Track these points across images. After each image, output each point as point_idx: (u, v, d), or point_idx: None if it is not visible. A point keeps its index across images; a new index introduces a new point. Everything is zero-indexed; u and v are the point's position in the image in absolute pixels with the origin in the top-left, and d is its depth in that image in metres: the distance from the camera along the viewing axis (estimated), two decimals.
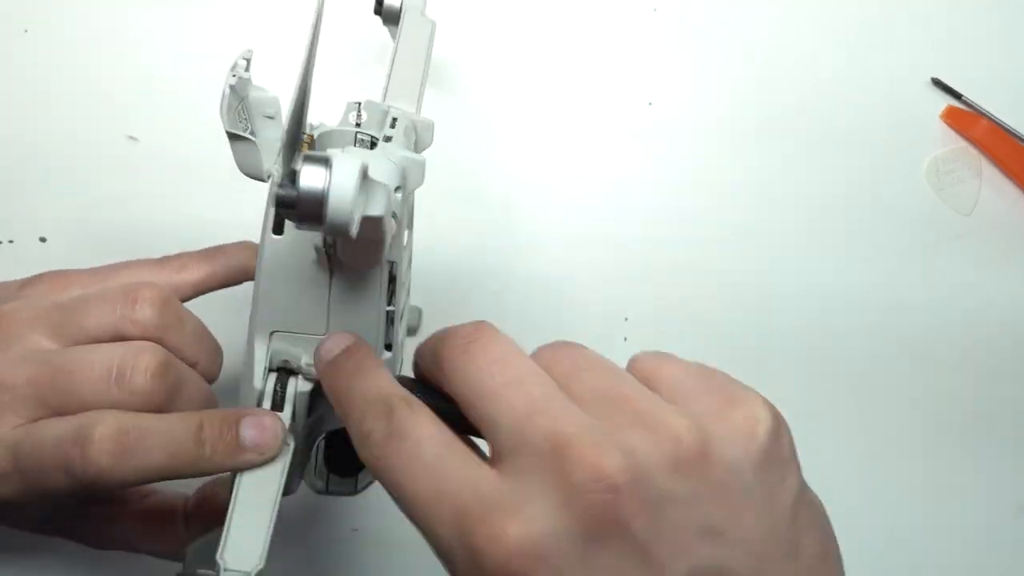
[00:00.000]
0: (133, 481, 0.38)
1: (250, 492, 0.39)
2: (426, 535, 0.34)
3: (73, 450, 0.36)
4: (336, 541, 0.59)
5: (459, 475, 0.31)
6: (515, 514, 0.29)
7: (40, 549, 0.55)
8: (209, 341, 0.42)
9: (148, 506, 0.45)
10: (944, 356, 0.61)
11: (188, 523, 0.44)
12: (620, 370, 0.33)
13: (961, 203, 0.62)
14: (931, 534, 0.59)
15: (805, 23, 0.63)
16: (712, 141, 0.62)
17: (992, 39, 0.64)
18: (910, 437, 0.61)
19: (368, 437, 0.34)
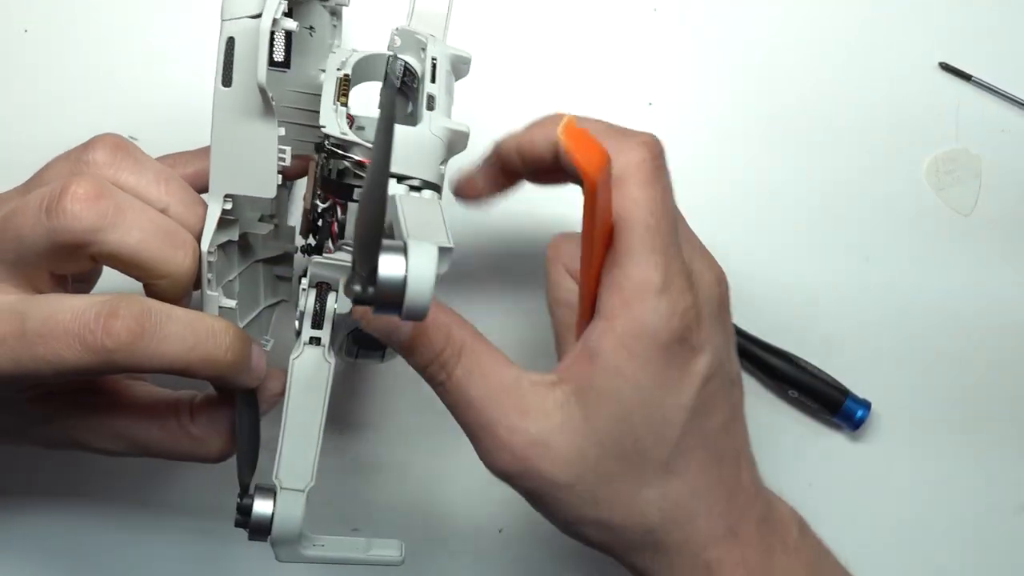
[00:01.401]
0: (147, 366, 0.38)
1: (298, 415, 0.40)
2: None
3: (96, 323, 0.36)
4: None
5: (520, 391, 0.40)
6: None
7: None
8: (180, 188, 0.41)
9: (153, 398, 0.45)
10: (944, 356, 0.61)
11: (194, 417, 0.44)
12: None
13: (961, 203, 0.62)
14: (931, 534, 0.59)
15: (805, 22, 0.63)
16: (712, 141, 0.62)
17: (997, 17, 0.63)
18: (909, 436, 0.61)
19: (432, 380, 0.40)
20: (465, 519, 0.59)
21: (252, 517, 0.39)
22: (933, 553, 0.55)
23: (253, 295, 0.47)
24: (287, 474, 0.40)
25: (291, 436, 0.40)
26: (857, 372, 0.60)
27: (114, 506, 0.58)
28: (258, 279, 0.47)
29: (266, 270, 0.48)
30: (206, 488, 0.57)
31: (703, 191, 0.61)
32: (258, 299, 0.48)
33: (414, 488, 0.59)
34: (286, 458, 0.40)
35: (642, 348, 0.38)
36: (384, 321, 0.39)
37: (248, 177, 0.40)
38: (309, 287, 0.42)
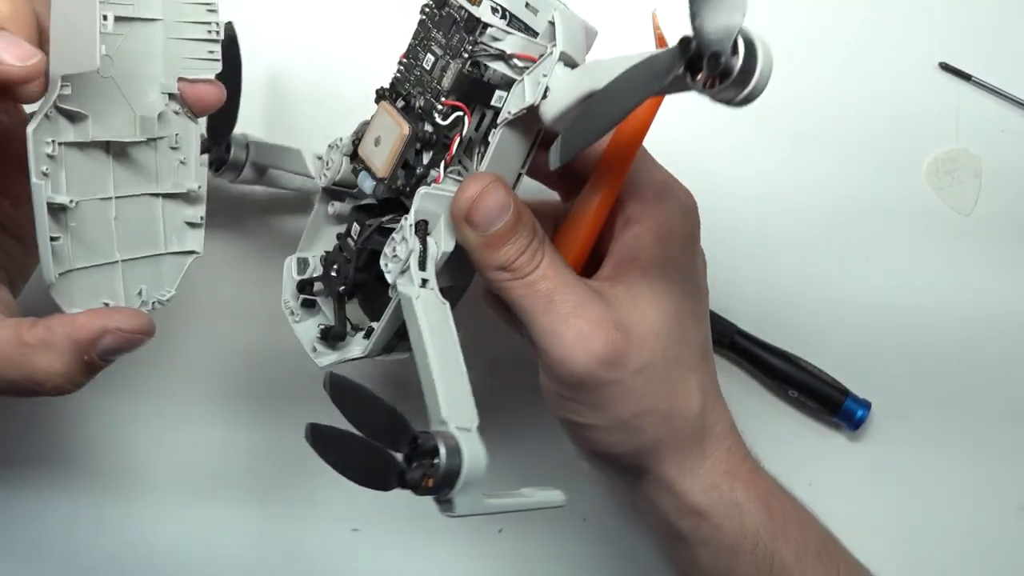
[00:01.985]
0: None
1: (441, 355, 0.38)
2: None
3: None
4: (336, 541, 0.59)
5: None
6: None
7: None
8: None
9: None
10: (943, 356, 0.61)
11: (32, 326, 0.40)
12: None
13: (961, 203, 0.62)
14: (931, 534, 0.59)
15: (806, 22, 0.63)
16: (712, 141, 0.62)
17: (997, 17, 0.63)
18: (909, 436, 0.61)
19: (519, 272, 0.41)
20: (464, 519, 0.59)
21: (442, 464, 0.35)
22: (933, 553, 0.55)
23: (147, 233, 0.44)
24: (454, 414, 0.37)
25: (443, 377, 0.38)
26: (857, 372, 0.60)
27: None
28: (155, 215, 0.44)
29: (170, 209, 0.45)
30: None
31: (703, 191, 0.61)
32: (156, 240, 0.44)
33: None
34: (448, 399, 0.37)
35: (674, 242, 0.45)
36: (487, 209, 0.40)
37: (73, 52, 0.38)
38: (410, 224, 0.40)
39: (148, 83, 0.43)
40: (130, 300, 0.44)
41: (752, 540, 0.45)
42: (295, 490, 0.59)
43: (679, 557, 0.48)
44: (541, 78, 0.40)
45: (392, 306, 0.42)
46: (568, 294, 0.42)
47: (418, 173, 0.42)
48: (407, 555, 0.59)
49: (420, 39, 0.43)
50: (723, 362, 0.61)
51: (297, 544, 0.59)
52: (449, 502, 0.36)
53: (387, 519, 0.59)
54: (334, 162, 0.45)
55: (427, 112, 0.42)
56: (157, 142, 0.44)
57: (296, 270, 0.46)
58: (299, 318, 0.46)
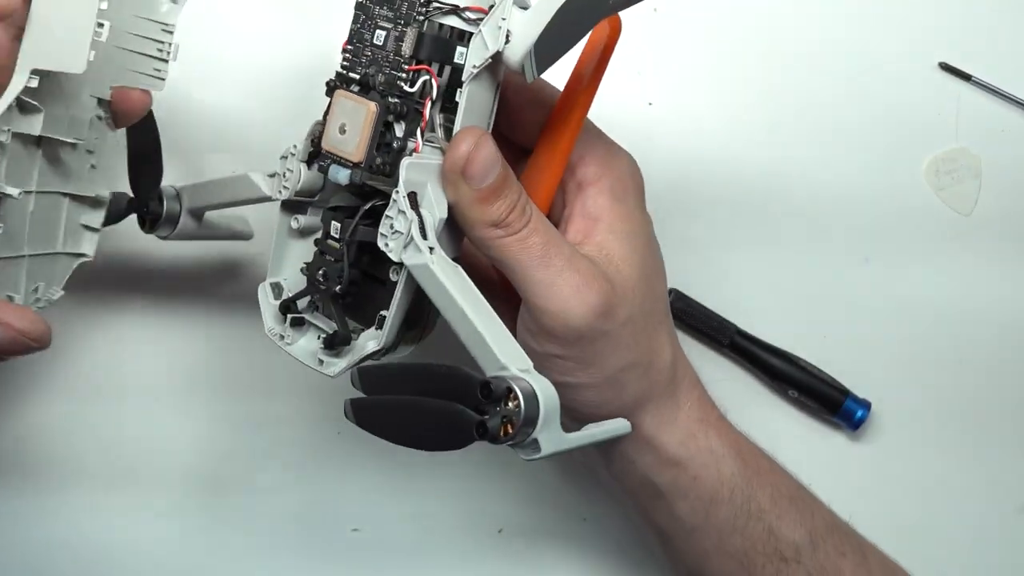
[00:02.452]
0: None
1: (475, 310, 0.39)
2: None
3: None
4: (336, 541, 0.59)
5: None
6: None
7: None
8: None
9: None
10: (943, 356, 0.61)
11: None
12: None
13: (961, 203, 0.62)
14: (931, 534, 0.59)
15: (805, 22, 0.63)
16: (712, 141, 0.62)
17: (997, 17, 0.63)
18: (909, 436, 0.61)
19: (511, 228, 0.41)
20: (465, 519, 0.59)
21: (523, 403, 0.35)
22: (933, 553, 0.55)
23: (49, 231, 0.43)
24: (511, 359, 0.37)
25: (487, 327, 0.38)
26: (857, 372, 0.60)
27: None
28: (60, 215, 0.44)
29: (73, 210, 0.44)
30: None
31: (702, 191, 0.61)
32: (55, 239, 0.44)
33: (414, 488, 0.59)
34: (498, 346, 0.37)
35: (629, 200, 0.46)
36: (483, 159, 0.40)
37: (59, 50, 0.37)
38: (404, 196, 0.40)
39: (83, 84, 0.42)
40: (27, 296, 0.43)
41: (729, 487, 0.46)
42: (295, 490, 0.59)
43: (658, 516, 0.48)
44: (500, 22, 0.40)
45: (401, 285, 0.41)
46: (560, 248, 0.42)
47: (395, 147, 0.41)
48: (407, 555, 0.59)
49: (362, 22, 0.42)
50: (723, 362, 0.61)
51: (297, 544, 0.59)
52: (534, 443, 0.36)
53: (387, 519, 0.59)
54: (292, 171, 0.43)
55: (390, 85, 0.41)
56: (77, 144, 0.43)
57: (272, 295, 0.45)
58: (290, 340, 0.45)
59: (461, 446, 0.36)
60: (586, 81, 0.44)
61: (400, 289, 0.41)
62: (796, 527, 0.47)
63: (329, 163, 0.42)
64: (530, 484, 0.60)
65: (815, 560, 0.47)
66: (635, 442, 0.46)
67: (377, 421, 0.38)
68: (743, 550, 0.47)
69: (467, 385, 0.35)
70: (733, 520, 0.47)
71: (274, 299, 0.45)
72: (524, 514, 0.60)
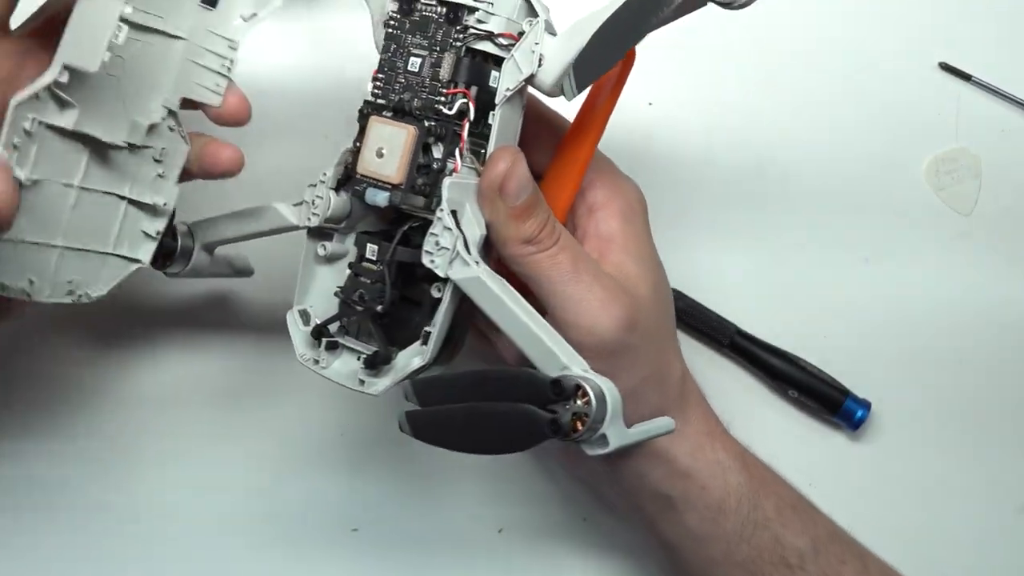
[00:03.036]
0: None
1: (528, 314, 0.40)
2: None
3: None
4: (336, 541, 0.59)
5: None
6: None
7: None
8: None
9: None
10: (944, 356, 0.61)
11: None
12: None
13: (961, 203, 0.62)
14: (931, 534, 0.59)
15: (806, 22, 0.63)
16: (712, 141, 0.62)
17: (997, 17, 0.63)
18: (909, 436, 0.61)
19: (542, 245, 0.43)
20: (465, 519, 0.59)
21: (594, 399, 0.36)
22: (933, 553, 0.55)
23: (99, 229, 0.44)
24: (571, 360, 0.39)
25: (543, 331, 0.40)
26: (857, 372, 0.60)
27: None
28: (114, 216, 0.45)
29: (132, 215, 0.45)
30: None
31: (702, 190, 0.61)
32: (105, 238, 0.45)
33: (414, 488, 0.59)
34: (559, 349, 0.39)
35: (638, 222, 0.48)
36: (519, 178, 0.42)
37: (82, 49, 0.39)
38: (448, 213, 0.42)
39: (154, 92, 0.44)
40: (57, 285, 0.43)
41: (736, 496, 0.48)
42: (295, 490, 0.59)
43: (667, 527, 0.49)
44: (534, 47, 0.41)
45: (447, 300, 0.42)
46: (587, 265, 0.44)
47: (435, 168, 0.43)
48: (407, 555, 0.59)
49: (393, 51, 0.44)
50: (723, 362, 0.61)
51: (297, 544, 0.59)
52: (602, 438, 0.37)
53: (387, 519, 0.59)
54: (322, 198, 0.44)
55: (427, 109, 0.43)
56: (142, 150, 0.44)
57: (301, 322, 0.46)
58: (325, 363, 0.45)
59: (531, 445, 0.37)
60: (600, 107, 0.46)
61: (446, 304, 0.42)
62: (800, 535, 0.48)
63: (365, 187, 0.43)
64: (530, 484, 0.60)
65: (818, 567, 0.48)
66: (648, 456, 0.47)
67: (437, 431, 0.39)
68: (750, 558, 0.48)
69: (535, 385, 0.37)
70: (740, 529, 0.48)
71: (303, 325, 0.46)
72: (524, 514, 0.60)
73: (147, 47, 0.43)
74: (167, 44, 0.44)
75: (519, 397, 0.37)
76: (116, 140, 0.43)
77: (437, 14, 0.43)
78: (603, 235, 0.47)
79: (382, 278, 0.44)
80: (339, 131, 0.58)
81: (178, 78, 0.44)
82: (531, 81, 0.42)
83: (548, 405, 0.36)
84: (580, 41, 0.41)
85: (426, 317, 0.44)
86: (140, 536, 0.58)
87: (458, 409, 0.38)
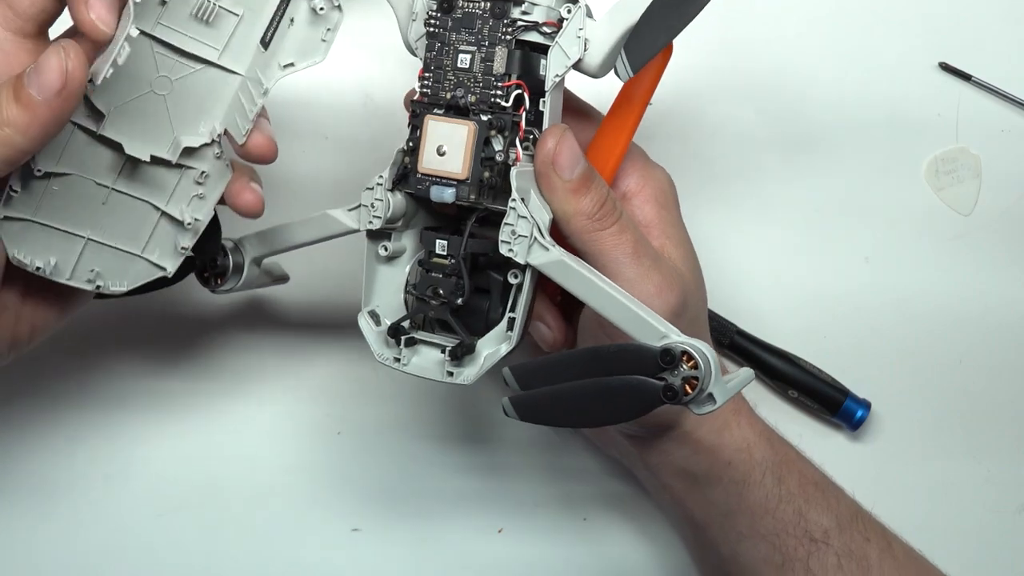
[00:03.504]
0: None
1: (615, 288, 0.41)
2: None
3: None
4: (336, 541, 0.59)
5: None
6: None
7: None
8: None
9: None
10: (944, 356, 0.61)
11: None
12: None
13: (961, 203, 0.62)
14: (931, 534, 0.59)
15: (806, 22, 0.63)
16: (712, 141, 0.62)
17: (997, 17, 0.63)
18: (909, 436, 0.61)
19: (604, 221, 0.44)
20: (465, 519, 0.60)
21: (702, 363, 0.38)
22: (933, 553, 0.55)
23: (131, 232, 0.46)
24: (668, 328, 0.40)
25: (636, 304, 0.41)
26: (857, 372, 0.60)
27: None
28: (148, 223, 0.46)
29: (166, 226, 0.47)
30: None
31: (702, 191, 0.61)
32: (136, 241, 0.46)
33: (414, 488, 0.60)
34: (652, 319, 0.40)
35: (671, 207, 0.49)
36: (570, 150, 0.43)
37: (101, 62, 0.42)
38: (520, 201, 0.43)
39: (204, 118, 0.46)
40: (80, 271, 0.46)
41: (760, 471, 0.49)
42: (295, 490, 0.59)
43: (693, 504, 0.50)
44: (579, 32, 0.43)
45: (527, 285, 0.43)
46: (647, 248, 0.45)
47: (498, 160, 0.43)
48: (407, 555, 0.59)
49: (438, 49, 0.45)
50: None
51: (297, 544, 0.59)
52: (710, 396, 0.38)
53: (387, 519, 0.59)
54: (381, 200, 0.45)
55: (483, 103, 0.44)
56: (185, 170, 0.46)
57: (373, 323, 0.46)
58: (406, 360, 0.46)
59: (644, 413, 0.38)
60: (637, 96, 0.47)
61: (526, 289, 0.44)
62: (824, 511, 0.50)
63: (429, 184, 0.44)
64: (530, 484, 0.60)
65: (842, 542, 0.49)
66: (678, 437, 0.48)
67: (546, 411, 0.40)
68: (775, 531, 0.49)
69: (642, 356, 0.38)
70: (764, 502, 0.49)
71: (376, 326, 0.46)
72: (524, 514, 0.60)
73: (202, 77, 0.45)
74: (224, 78, 0.45)
75: (627, 369, 0.38)
76: (143, 155, 0.44)
77: (481, 10, 0.44)
78: (640, 221, 0.48)
79: (457, 272, 0.45)
80: (338, 134, 0.59)
81: (229, 109, 0.45)
82: (577, 65, 0.43)
83: (657, 374, 0.38)
84: (627, 20, 0.42)
85: (495, 303, 0.45)
86: (139, 536, 0.58)
87: (566, 388, 0.39)
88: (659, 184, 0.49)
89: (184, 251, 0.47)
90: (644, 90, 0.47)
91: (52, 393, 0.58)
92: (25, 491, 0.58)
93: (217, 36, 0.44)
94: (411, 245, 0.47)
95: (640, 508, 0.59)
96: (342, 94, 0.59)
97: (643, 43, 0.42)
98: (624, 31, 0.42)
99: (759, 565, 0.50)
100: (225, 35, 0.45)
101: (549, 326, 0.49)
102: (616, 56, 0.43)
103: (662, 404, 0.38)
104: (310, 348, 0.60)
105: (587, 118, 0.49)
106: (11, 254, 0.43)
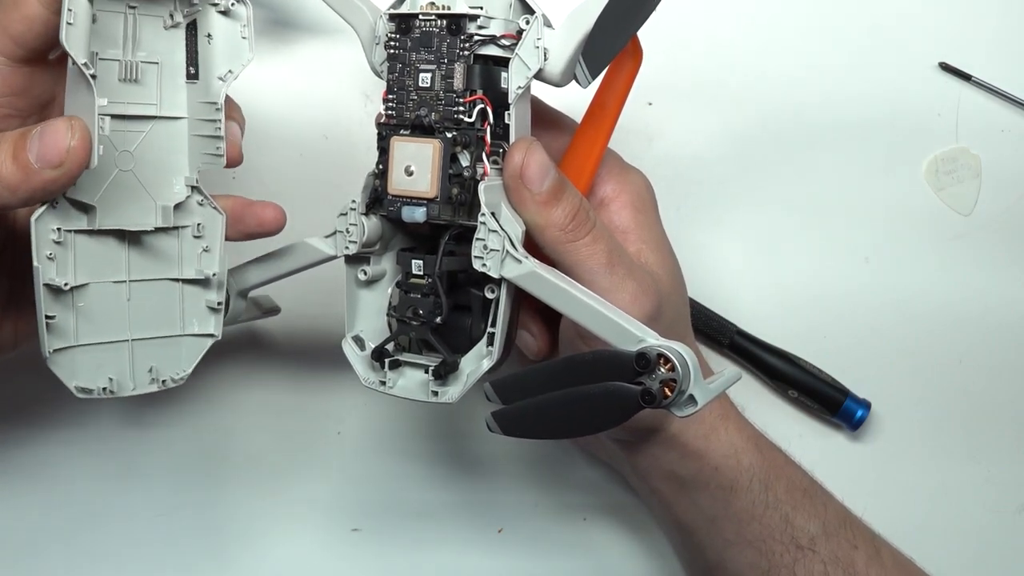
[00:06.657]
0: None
1: (589, 295, 0.41)
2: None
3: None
4: (336, 541, 0.59)
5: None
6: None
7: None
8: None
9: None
10: (944, 356, 0.61)
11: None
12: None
13: (961, 203, 0.62)
14: (931, 534, 0.59)
15: (806, 23, 0.63)
16: (712, 141, 0.62)
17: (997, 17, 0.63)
18: (909, 436, 0.61)
19: (578, 231, 0.44)
20: (465, 519, 0.60)
21: (679, 366, 0.37)
22: (933, 553, 0.55)
23: (163, 315, 0.46)
24: (643, 332, 0.39)
25: (610, 309, 0.41)
26: (857, 372, 0.60)
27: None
28: (173, 299, 0.46)
29: (191, 293, 0.47)
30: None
31: (702, 191, 0.61)
32: (172, 322, 0.46)
33: (414, 488, 0.60)
34: (627, 324, 0.40)
35: (649, 211, 0.49)
36: (538, 163, 0.43)
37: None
38: (490, 215, 0.43)
39: (174, 175, 0.45)
40: (139, 376, 0.45)
41: (747, 476, 0.49)
42: (295, 490, 0.59)
43: (681, 509, 0.50)
44: (537, 42, 0.42)
45: (503, 299, 0.43)
46: (622, 256, 0.45)
47: (466, 176, 0.43)
48: (407, 555, 0.59)
49: (399, 70, 0.45)
50: (723, 362, 0.61)
51: (297, 544, 0.59)
52: (691, 398, 0.38)
53: (387, 519, 0.59)
54: (356, 225, 0.45)
55: (446, 120, 0.43)
56: (180, 230, 0.46)
57: (357, 348, 0.47)
58: (392, 383, 0.46)
59: (625, 419, 0.38)
60: (610, 104, 0.47)
61: (503, 303, 0.43)
62: (811, 518, 0.50)
63: (400, 205, 0.44)
64: (530, 484, 0.60)
65: (829, 549, 0.49)
66: (665, 441, 0.48)
67: (528, 424, 0.40)
68: (761, 537, 0.49)
69: (618, 362, 0.38)
70: (751, 508, 0.49)
71: (360, 351, 0.47)
72: (524, 514, 0.60)
73: (152, 135, 0.45)
74: (170, 126, 0.45)
75: (603, 376, 0.38)
76: (146, 227, 0.44)
77: (438, 28, 0.43)
78: (617, 226, 0.48)
79: (434, 291, 0.45)
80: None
81: (190, 154, 0.45)
82: (539, 75, 0.43)
83: (634, 379, 0.38)
84: (583, 28, 0.41)
85: (477, 319, 0.45)
86: (140, 536, 0.58)
87: (545, 400, 0.39)
88: (635, 189, 0.49)
89: (220, 306, 0.47)
90: (616, 96, 0.47)
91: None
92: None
93: (148, 91, 0.44)
94: (391, 268, 0.47)
95: (639, 513, 0.59)
96: (342, 94, 0.59)
97: (599, 49, 0.42)
98: (582, 38, 0.42)
99: (745, 571, 0.50)
100: (154, 86, 0.44)
101: (533, 335, 0.49)
102: (576, 64, 0.42)
103: (641, 409, 0.37)
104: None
105: (560, 127, 0.49)
106: (71, 387, 0.43)
